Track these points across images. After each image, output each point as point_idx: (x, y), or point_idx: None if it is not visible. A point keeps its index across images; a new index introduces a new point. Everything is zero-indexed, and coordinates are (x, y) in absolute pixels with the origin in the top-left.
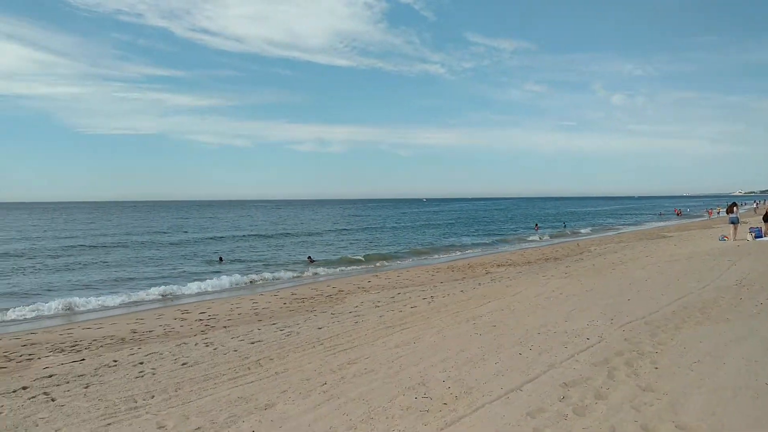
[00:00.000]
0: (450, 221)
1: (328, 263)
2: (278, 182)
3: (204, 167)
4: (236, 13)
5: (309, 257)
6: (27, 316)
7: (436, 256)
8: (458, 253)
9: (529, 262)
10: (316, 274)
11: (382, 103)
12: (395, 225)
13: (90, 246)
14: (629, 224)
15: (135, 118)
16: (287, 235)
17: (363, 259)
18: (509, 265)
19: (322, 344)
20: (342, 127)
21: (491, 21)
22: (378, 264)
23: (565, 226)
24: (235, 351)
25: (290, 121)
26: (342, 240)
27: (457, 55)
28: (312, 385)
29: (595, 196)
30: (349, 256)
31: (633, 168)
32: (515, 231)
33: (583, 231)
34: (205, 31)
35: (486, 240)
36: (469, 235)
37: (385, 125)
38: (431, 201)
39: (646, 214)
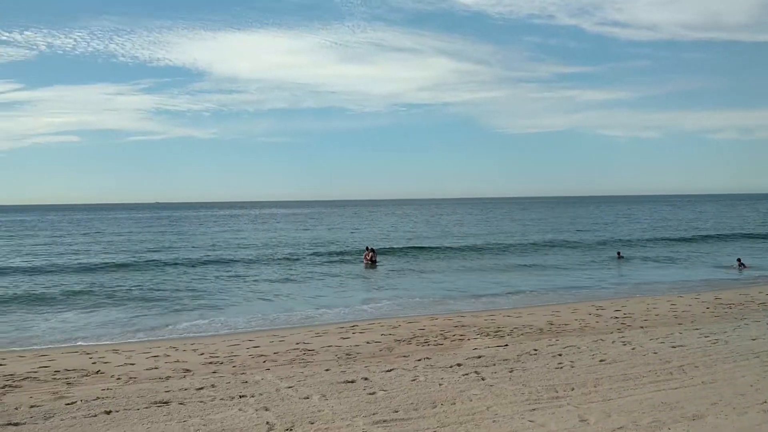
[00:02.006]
0: None
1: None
2: (692, 174)
3: (610, 161)
4: (648, 0)
5: (738, 260)
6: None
7: None
8: None
9: None
10: (742, 279)
11: None
12: None
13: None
14: None
15: (545, 116)
16: (712, 236)
17: None
18: None
19: (757, 357)
20: None
21: None
22: None
23: None
24: (655, 353)
25: (706, 108)
26: None
27: None
28: (748, 401)
29: None
30: None
31: None
32: None
33: None
34: (616, 24)
35: None
36: None
37: None
38: None
39: None
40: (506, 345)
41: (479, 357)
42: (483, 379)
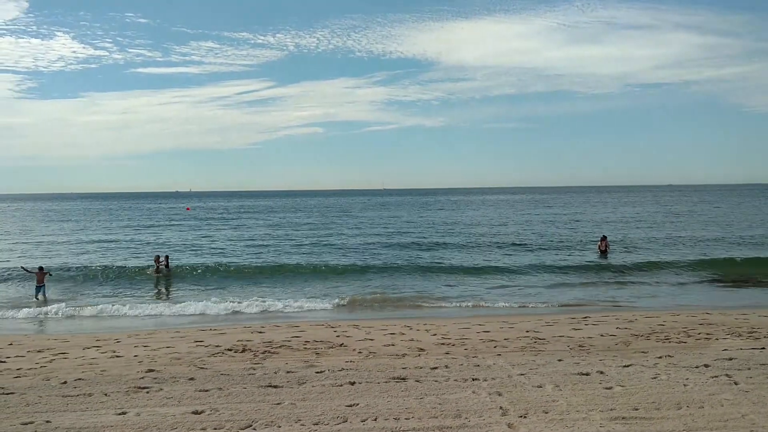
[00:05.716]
0: None
1: None
2: None
3: None
4: None
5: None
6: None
7: None
8: None
9: None
10: None
11: None
12: None
13: None
14: None
15: None
16: None
17: None
18: None
19: None
20: None
21: None
22: None
23: None
24: None
25: None
26: None
27: None
28: None
29: None
30: None
31: None
32: None
33: None
34: None
35: None
36: None
37: None
38: None
39: None
40: (763, 348)
41: (730, 359)
42: (736, 384)
